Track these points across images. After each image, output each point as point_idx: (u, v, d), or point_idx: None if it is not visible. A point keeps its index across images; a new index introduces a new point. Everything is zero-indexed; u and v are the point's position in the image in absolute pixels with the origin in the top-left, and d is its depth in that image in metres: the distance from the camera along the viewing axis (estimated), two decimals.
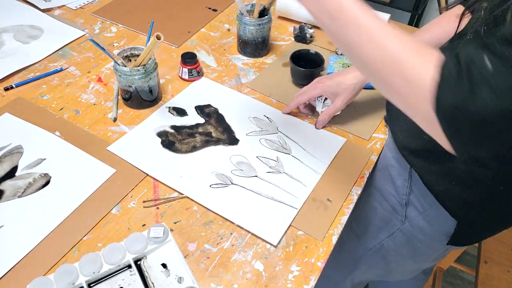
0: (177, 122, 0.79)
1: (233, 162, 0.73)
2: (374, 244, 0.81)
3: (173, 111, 0.82)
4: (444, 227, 0.68)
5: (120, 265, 0.58)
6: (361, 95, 0.87)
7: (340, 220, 0.66)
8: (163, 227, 0.61)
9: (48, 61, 0.91)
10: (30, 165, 0.71)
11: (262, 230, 0.64)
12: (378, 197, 0.77)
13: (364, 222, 0.82)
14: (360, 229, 0.83)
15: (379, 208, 0.77)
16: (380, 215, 0.78)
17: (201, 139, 0.76)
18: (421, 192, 0.68)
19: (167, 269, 0.59)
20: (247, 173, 0.71)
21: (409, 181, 0.70)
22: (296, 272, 0.60)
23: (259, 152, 0.75)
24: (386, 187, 0.75)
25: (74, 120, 0.79)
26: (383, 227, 0.78)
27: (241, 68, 0.93)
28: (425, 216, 0.69)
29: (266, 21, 0.90)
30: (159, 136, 0.76)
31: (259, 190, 0.69)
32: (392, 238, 0.77)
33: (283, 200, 0.68)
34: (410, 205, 0.71)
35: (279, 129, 0.79)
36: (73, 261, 0.58)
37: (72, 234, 0.62)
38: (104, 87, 0.86)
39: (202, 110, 0.82)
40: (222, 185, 0.69)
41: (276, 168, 0.72)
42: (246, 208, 0.66)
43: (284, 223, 0.65)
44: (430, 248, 0.75)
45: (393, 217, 0.75)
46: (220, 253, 0.61)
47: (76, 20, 1.03)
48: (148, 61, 0.76)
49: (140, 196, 0.67)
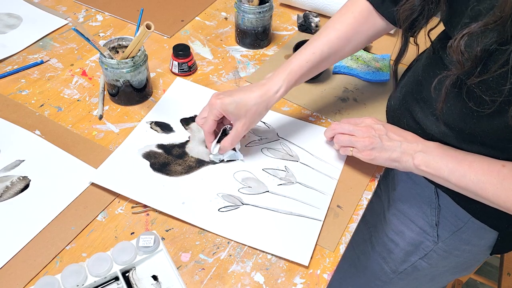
0: (163, 140, 0.76)
1: (238, 179, 0.71)
2: (405, 267, 0.82)
3: (156, 127, 0.77)
4: (484, 239, 0.69)
5: (107, 277, 0.58)
6: (372, 89, 0.88)
7: (349, 227, 0.66)
8: (154, 235, 0.61)
9: (27, 53, 0.91)
10: (8, 167, 0.71)
11: (288, 251, 0.62)
12: (404, 220, 0.78)
13: (390, 245, 0.82)
14: (386, 252, 0.84)
15: (407, 231, 0.78)
16: (408, 239, 0.78)
17: (195, 158, 0.74)
18: (452, 210, 0.69)
19: (158, 281, 0.59)
20: (256, 190, 0.70)
21: (436, 201, 0.71)
22: (300, 284, 0.60)
23: (264, 164, 0.74)
24: (412, 209, 0.76)
25: (56, 118, 0.79)
26: (414, 250, 0.78)
27: (240, 60, 0.93)
28: (461, 233, 0.70)
29: (267, 9, 0.90)
30: (146, 158, 0.73)
31: (274, 207, 0.68)
32: (426, 259, 0.78)
33: (303, 213, 0.67)
34: (441, 224, 0.72)
35: (280, 134, 0.79)
36: (55, 272, 0.58)
37: (53, 243, 0.62)
38: (89, 81, 0.86)
39: (188, 124, 0.79)
40: (232, 207, 0.68)
41: (287, 179, 0.72)
42: (264, 229, 0.65)
43: (310, 238, 0.64)
44: (470, 260, 0.76)
45: (424, 239, 0.75)
46: (216, 264, 0.61)
47: (58, 8, 1.04)
48: (137, 52, 0.76)
49: (128, 202, 0.67)
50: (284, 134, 0.79)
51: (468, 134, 0.59)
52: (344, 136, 0.70)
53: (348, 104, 0.85)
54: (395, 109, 0.73)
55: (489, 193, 0.56)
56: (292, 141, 0.78)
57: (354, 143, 0.69)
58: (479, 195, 0.58)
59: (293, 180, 0.72)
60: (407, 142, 0.65)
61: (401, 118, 0.70)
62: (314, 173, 0.73)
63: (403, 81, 0.75)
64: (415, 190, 0.74)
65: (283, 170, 0.73)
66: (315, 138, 0.78)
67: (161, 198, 0.67)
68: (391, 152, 0.65)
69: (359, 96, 0.86)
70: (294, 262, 0.62)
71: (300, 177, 0.72)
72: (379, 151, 0.66)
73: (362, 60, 0.92)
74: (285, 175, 0.72)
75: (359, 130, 0.69)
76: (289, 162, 0.74)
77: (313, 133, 0.79)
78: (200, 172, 0.72)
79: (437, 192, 0.70)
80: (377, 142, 0.66)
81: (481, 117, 0.54)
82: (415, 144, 0.64)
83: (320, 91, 0.87)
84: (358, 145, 0.68)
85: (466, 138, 0.60)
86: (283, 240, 0.64)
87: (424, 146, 0.63)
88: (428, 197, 0.72)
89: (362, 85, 0.89)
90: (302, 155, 0.75)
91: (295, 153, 0.76)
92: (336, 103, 0.85)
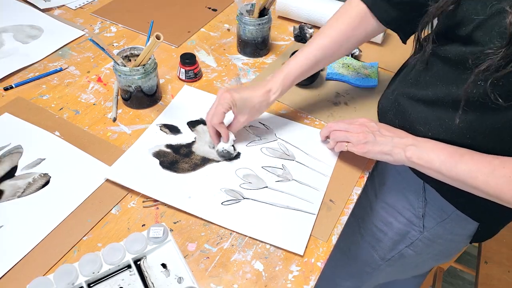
0: (172, 140, 0.76)
1: (239, 175, 0.72)
2: (393, 255, 0.82)
3: (165, 128, 0.78)
4: (466, 229, 0.69)
5: (120, 265, 0.58)
6: (362, 94, 0.88)
7: (341, 220, 0.66)
8: (163, 227, 0.61)
9: (48, 61, 0.91)
10: (30, 165, 0.71)
11: (285, 242, 0.62)
12: (393, 212, 0.78)
13: (379, 235, 0.82)
14: (375, 241, 0.84)
15: (395, 222, 0.78)
16: (396, 229, 0.78)
17: (201, 156, 0.74)
18: (438, 203, 0.69)
19: (166, 269, 0.59)
20: (256, 185, 0.70)
21: (423, 194, 0.71)
22: (296, 272, 0.60)
23: (263, 162, 0.74)
24: (400, 202, 0.76)
25: (74, 120, 0.79)
26: (401, 239, 0.78)
27: (241, 68, 0.93)
28: (445, 224, 0.70)
29: (266, 21, 0.90)
30: (156, 157, 0.73)
31: (272, 201, 0.68)
32: (412, 247, 0.78)
33: (298, 207, 0.67)
34: (427, 216, 0.72)
35: (278, 135, 0.78)
36: (73, 261, 0.59)
37: (71, 234, 0.62)
38: (103, 87, 0.87)
39: (194, 126, 0.79)
40: (234, 201, 0.68)
41: (284, 176, 0.72)
42: (263, 221, 0.65)
43: (305, 230, 0.64)
44: (452, 248, 0.76)
45: (411, 229, 0.75)
46: (220, 253, 0.62)
47: (76, 20, 1.04)
48: (148, 61, 0.76)
49: (140, 196, 0.68)
50: (281, 135, 0.79)
51: (459, 130, 0.58)
52: (340, 132, 0.71)
53: (339, 107, 0.85)
54: (386, 110, 0.73)
55: (479, 182, 0.54)
56: (289, 141, 0.78)
57: (349, 138, 0.69)
58: (469, 185, 0.56)
59: (289, 177, 0.72)
60: (399, 137, 0.65)
61: (393, 119, 0.70)
62: (308, 171, 0.73)
63: (393, 84, 0.75)
64: (403, 184, 0.74)
65: (281, 168, 0.73)
66: (310, 139, 0.78)
67: (169, 193, 0.67)
68: (384, 146, 0.65)
69: (349, 100, 0.86)
70: (291, 252, 0.62)
71: (296, 174, 0.72)
72: (372, 145, 0.66)
73: (352, 68, 0.92)
74: (282, 173, 0.72)
75: (354, 127, 0.69)
76: (286, 160, 0.74)
77: (308, 134, 0.79)
78: (205, 169, 0.72)
79: (424, 186, 0.70)
80: (370, 137, 0.66)
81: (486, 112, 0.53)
82: (406, 139, 0.64)
83: (314, 96, 0.87)
84: (353, 139, 0.68)
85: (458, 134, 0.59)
86: (280, 231, 0.64)
87: (415, 141, 0.63)
88: (415, 191, 0.72)
89: (352, 90, 0.89)
90: (298, 154, 0.75)
91: (291, 153, 0.76)
92: (329, 107, 0.85)
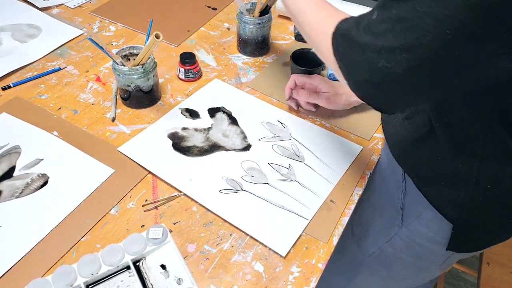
0: (189, 124, 0.79)
1: (244, 167, 0.72)
2: (373, 250, 0.81)
3: (185, 112, 0.81)
4: (441, 230, 0.67)
5: (119, 266, 0.58)
6: None
7: (341, 221, 0.66)
8: (162, 228, 0.61)
9: (46, 60, 0.91)
10: (28, 165, 0.71)
11: (271, 240, 0.63)
12: (378, 202, 0.77)
13: (364, 226, 0.82)
14: (360, 234, 0.83)
15: (379, 213, 0.77)
16: (380, 221, 0.78)
17: (213, 142, 0.76)
18: (415, 195, 0.68)
19: (166, 270, 0.58)
20: (258, 180, 0.70)
21: (403, 185, 0.70)
22: (297, 273, 0.60)
23: (271, 158, 0.74)
24: (384, 191, 0.75)
25: (73, 120, 0.79)
26: (382, 232, 0.78)
27: (241, 67, 0.93)
28: (421, 220, 0.69)
29: (266, 20, 0.90)
30: (171, 138, 0.76)
31: (270, 198, 0.68)
32: (390, 243, 0.77)
33: (293, 210, 0.67)
34: (406, 209, 0.71)
35: (293, 135, 0.78)
36: (72, 262, 0.58)
37: (70, 235, 0.62)
38: (102, 86, 0.86)
39: (214, 113, 0.82)
40: (232, 191, 0.68)
41: (288, 176, 0.72)
42: (255, 215, 0.65)
43: (294, 233, 0.64)
44: (431, 253, 0.74)
45: (391, 223, 0.75)
46: (219, 254, 0.61)
47: (75, 19, 1.03)
48: (147, 60, 0.76)
49: (139, 197, 0.67)
50: (296, 135, 0.79)
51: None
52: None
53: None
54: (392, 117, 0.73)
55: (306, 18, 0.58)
56: (302, 142, 0.77)
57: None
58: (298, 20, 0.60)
59: (293, 178, 0.72)
60: None
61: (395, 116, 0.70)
62: (314, 175, 0.72)
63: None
64: (386, 173, 0.73)
65: (287, 168, 0.73)
66: (325, 143, 0.77)
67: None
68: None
69: None
70: (276, 252, 0.61)
71: (300, 176, 0.72)
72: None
73: None
74: (286, 172, 0.72)
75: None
76: (294, 161, 0.74)
77: (324, 137, 0.78)
78: (212, 156, 0.74)
79: (405, 176, 0.69)
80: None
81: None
82: None
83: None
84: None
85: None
86: (268, 228, 0.64)
87: None
88: (396, 181, 0.71)
89: None
90: (308, 157, 0.75)
91: (302, 154, 0.75)
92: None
